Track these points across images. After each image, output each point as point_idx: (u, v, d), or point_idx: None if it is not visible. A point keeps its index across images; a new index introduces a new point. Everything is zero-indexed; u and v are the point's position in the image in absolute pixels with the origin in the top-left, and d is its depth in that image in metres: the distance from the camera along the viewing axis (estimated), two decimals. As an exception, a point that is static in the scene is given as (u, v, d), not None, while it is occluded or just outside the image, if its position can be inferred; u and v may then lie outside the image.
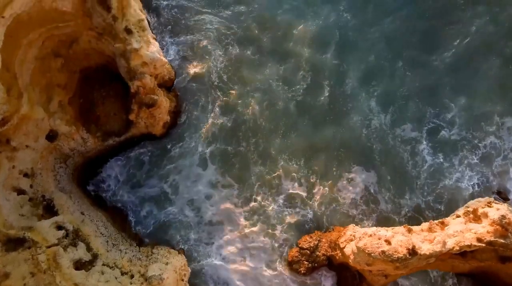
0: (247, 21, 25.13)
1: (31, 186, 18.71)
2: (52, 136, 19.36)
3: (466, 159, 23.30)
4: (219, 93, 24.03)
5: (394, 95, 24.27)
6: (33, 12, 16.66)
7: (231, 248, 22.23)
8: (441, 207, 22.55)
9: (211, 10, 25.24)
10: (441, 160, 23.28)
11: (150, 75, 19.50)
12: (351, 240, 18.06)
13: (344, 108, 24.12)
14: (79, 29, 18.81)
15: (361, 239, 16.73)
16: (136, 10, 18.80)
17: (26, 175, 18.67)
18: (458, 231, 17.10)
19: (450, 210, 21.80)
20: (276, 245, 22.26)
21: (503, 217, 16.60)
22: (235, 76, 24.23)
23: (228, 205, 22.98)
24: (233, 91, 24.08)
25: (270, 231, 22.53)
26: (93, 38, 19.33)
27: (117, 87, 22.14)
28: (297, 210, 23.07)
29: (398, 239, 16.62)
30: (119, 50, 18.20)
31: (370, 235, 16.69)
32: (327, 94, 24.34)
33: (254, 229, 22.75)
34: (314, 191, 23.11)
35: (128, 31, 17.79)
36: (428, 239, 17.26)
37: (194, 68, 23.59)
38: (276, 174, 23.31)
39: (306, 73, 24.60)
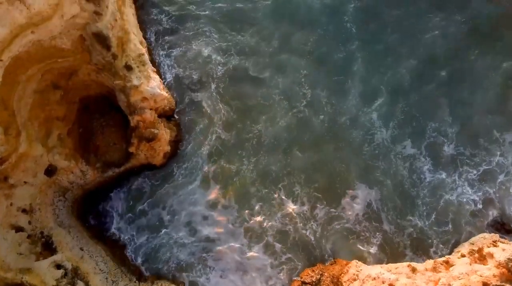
0: (248, 38, 24.89)
1: (29, 222, 18.47)
2: (51, 171, 19.09)
3: (467, 175, 22.84)
4: (221, 113, 23.75)
5: (395, 110, 23.93)
6: (32, 50, 16.36)
7: (230, 270, 21.96)
8: (445, 227, 22.12)
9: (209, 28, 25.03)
10: (443, 176, 22.86)
11: (150, 109, 19.22)
12: (354, 280, 17.78)
13: (345, 123, 23.74)
14: (79, 63, 18.52)
15: (364, 282, 16.44)
16: (136, 45, 18.51)
17: (24, 210, 18.44)
18: (464, 273, 16.78)
19: (454, 229, 21.59)
20: (276, 266, 21.97)
21: (510, 260, 16.27)
22: (236, 94, 23.88)
23: (227, 226, 22.66)
24: (234, 112, 23.80)
25: (270, 251, 22.23)
26: (93, 71, 19.04)
27: (117, 116, 21.86)
28: (298, 230, 22.76)
29: (402, 282, 16.33)
30: (118, 86, 17.92)
31: (374, 278, 16.41)
32: (328, 110, 23.98)
33: (254, 250, 22.49)
34: (316, 210, 22.77)
35: (128, 67, 17.49)
36: (432, 280, 16.96)
37: (193, 92, 23.28)
38: (277, 193, 22.96)
39: (306, 89, 24.24)
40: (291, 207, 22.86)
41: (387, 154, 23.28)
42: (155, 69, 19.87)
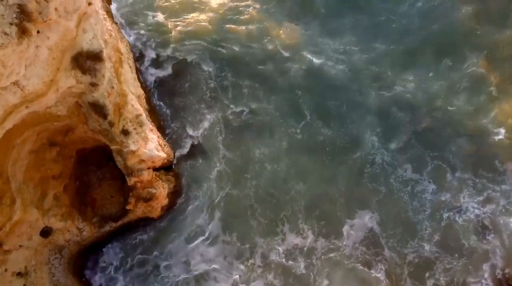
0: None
1: (24, 286, 18.15)
2: (46, 231, 18.79)
3: (470, 201, 22.63)
4: (222, 162, 23.47)
5: (396, 134, 23.66)
6: (27, 118, 15.97)
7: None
8: (447, 254, 21.82)
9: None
10: (444, 200, 22.62)
11: (148, 168, 18.89)
12: None
13: (345, 146, 23.57)
14: (75, 123, 18.17)
15: None
16: (134, 105, 18.15)
17: (19, 274, 18.13)
18: None
19: (456, 252, 21.51)
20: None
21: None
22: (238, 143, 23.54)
23: (228, 260, 22.38)
24: (235, 161, 23.53)
25: (270, 287, 22.01)
26: (89, 130, 18.68)
27: (114, 168, 21.48)
28: (299, 264, 22.49)
29: None
30: (115, 150, 17.57)
31: None
32: (329, 132, 23.80)
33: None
34: (317, 240, 22.44)
35: (125, 132, 17.15)
36: None
37: (194, 141, 22.99)
38: (279, 225, 22.62)
39: (306, 110, 24.01)
40: (293, 241, 22.43)
41: (387, 178, 22.99)
42: (152, 128, 19.52)
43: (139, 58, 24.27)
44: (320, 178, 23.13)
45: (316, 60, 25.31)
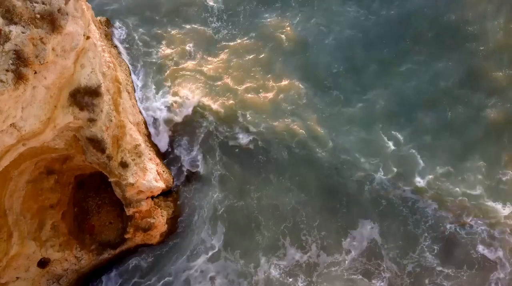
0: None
1: (21, 317, 17.96)
2: (44, 262, 18.63)
3: (469, 215, 22.27)
4: (220, 185, 23.32)
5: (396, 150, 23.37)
6: (25, 152, 15.79)
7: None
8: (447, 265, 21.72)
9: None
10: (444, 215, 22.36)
11: (147, 198, 18.70)
12: None
13: (345, 161, 23.29)
14: (73, 153, 17.97)
15: None
16: (133, 135, 17.96)
17: (17, 305, 17.92)
18: None
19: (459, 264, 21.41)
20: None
21: None
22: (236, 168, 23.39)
23: (230, 276, 22.17)
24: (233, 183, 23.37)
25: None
26: (88, 160, 18.47)
27: (113, 194, 21.29)
28: (299, 282, 22.38)
29: None
30: (114, 182, 17.39)
31: None
32: (330, 145, 23.56)
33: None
34: (319, 254, 22.32)
35: (124, 165, 16.96)
36: None
37: (193, 168, 22.80)
38: (280, 240, 22.49)
39: (305, 126, 23.81)
40: (293, 254, 22.34)
41: (388, 191, 22.89)
42: (151, 155, 19.31)
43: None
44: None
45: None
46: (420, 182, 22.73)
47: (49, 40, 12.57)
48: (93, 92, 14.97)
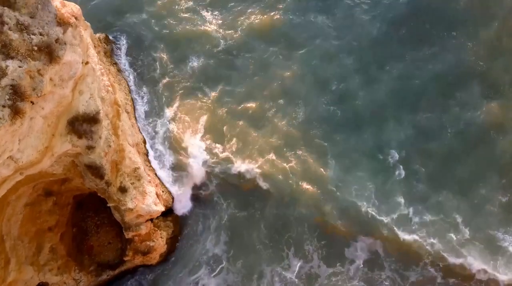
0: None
1: None
2: (42, 286, 18.41)
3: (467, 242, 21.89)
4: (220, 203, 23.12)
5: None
6: (22, 179, 15.58)
7: None
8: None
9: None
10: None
11: (146, 221, 18.50)
12: None
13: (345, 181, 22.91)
14: (72, 176, 17.77)
15: None
16: (132, 158, 17.75)
17: (14, 330, 17.70)
18: None
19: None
20: None
21: None
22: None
23: None
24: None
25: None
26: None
27: (112, 214, 21.11)
28: None
29: None
30: (113, 206, 17.19)
31: None
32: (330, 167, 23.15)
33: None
34: (320, 268, 22.06)
35: (123, 190, 16.76)
36: None
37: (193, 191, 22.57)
38: (285, 250, 22.29)
39: (304, 151, 23.42)
40: (296, 269, 22.11)
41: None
42: (150, 176, 19.12)
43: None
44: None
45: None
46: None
47: (47, 71, 12.36)
48: (92, 119, 14.76)
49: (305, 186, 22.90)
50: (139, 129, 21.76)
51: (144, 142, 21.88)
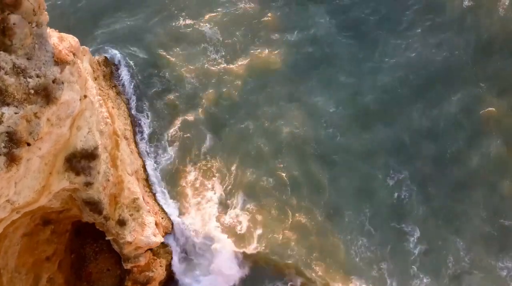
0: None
1: None
2: (40, 317, 18.13)
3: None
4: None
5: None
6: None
7: None
8: None
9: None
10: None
11: (146, 251, 18.26)
12: None
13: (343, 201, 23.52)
14: (70, 207, 17.53)
15: None
16: (131, 188, 17.49)
17: None
18: None
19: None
20: None
21: None
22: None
23: None
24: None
25: None
26: (85, 213, 18.02)
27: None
28: None
29: None
30: (112, 239, 16.95)
31: None
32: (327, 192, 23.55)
33: None
34: None
35: (121, 222, 16.51)
36: None
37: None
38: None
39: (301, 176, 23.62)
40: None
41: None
42: (149, 205, 18.87)
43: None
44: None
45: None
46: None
47: (44, 113, 12.07)
48: (90, 155, 14.49)
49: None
50: (139, 154, 21.50)
51: (144, 167, 21.62)
